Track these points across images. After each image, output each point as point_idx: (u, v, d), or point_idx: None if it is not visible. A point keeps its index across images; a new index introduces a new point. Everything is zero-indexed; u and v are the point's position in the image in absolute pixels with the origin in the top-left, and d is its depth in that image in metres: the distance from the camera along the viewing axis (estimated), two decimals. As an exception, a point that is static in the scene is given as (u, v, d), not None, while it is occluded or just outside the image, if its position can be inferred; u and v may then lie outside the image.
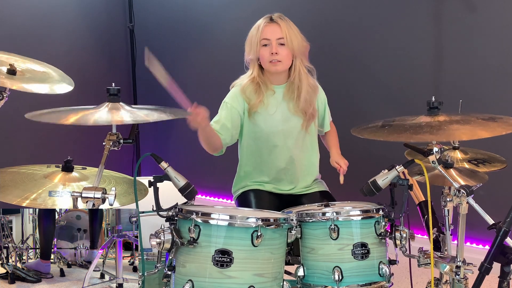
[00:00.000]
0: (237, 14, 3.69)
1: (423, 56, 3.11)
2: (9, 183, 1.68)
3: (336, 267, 1.59)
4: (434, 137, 1.59)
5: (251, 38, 2.21)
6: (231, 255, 1.47)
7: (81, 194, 1.51)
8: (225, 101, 2.24)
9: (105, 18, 4.10)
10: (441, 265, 1.68)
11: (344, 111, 2.96)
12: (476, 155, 2.16)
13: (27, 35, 3.47)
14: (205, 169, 3.79)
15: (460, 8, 2.95)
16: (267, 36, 2.16)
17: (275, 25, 2.17)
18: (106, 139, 1.61)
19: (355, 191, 1.76)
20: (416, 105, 1.91)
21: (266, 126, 2.24)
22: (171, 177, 1.63)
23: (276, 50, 2.15)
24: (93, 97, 1.98)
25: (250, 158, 2.30)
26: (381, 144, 1.93)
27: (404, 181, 1.65)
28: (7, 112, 1.85)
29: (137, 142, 4.20)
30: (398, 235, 1.65)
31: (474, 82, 2.96)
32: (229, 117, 2.20)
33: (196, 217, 1.50)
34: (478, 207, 1.58)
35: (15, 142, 3.48)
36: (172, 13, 4.06)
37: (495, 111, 1.87)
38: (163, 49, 4.11)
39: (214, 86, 2.20)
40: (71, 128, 3.77)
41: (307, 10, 3.41)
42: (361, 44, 3.29)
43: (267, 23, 2.18)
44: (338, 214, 1.62)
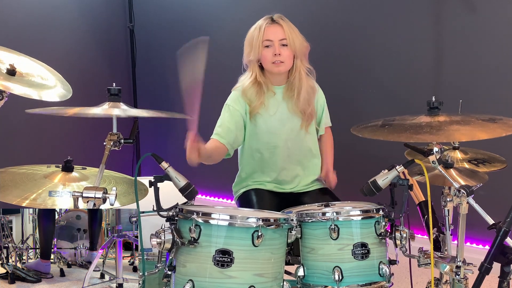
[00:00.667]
0: (237, 14, 3.69)
1: (423, 56, 3.11)
2: (9, 183, 1.68)
3: (336, 267, 1.59)
4: (434, 137, 1.59)
5: (251, 39, 2.19)
6: (232, 255, 1.47)
7: (82, 194, 1.51)
8: (227, 104, 2.23)
9: (105, 18, 4.10)
10: (441, 265, 1.68)
11: (344, 111, 2.96)
12: (476, 155, 2.16)
13: (27, 35, 3.46)
14: (205, 169, 3.78)
15: (460, 8, 2.95)
16: (269, 37, 2.16)
17: (277, 26, 2.17)
18: (106, 139, 1.62)
19: (355, 191, 1.76)
20: (416, 105, 1.91)
21: (267, 127, 2.24)
22: (171, 177, 1.63)
23: (279, 51, 2.15)
24: (93, 97, 1.98)
25: (251, 159, 2.30)
26: (381, 144, 1.93)
27: (404, 181, 1.65)
28: (7, 112, 1.85)
29: (137, 142, 4.21)
30: (398, 235, 1.65)
31: (474, 82, 2.96)
32: (233, 119, 2.19)
33: (196, 217, 1.50)
34: (478, 207, 1.58)
35: (15, 142, 3.48)
36: (172, 13, 4.06)
37: (495, 111, 1.87)
38: (163, 49, 4.11)
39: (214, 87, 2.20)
40: (71, 128, 3.78)
41: (307, 11, 3.41)
42: (361, 44, 3.29)
43: (269, 24, 2.17)
44: (338, 214, 1.62)
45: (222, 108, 2.24)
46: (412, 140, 1.62)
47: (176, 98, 1.76)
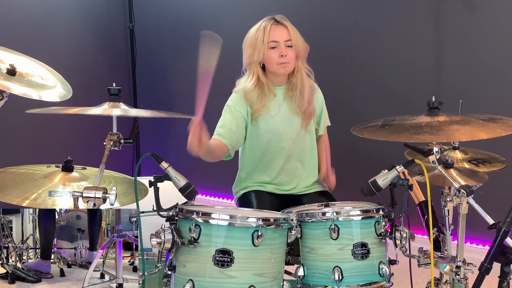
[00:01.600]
0: (237, 14, 3.68)
1: (423, 56, 3.11)
2: (9, 183, 1.68)
3: (336, 267, 1.59)
4: (434, 137, 1.59)
5: (254, 40, 2.17)
6: (232, 254, 1.47)
7: (82, 194, 1.51)
8: (228, 105, 2.22)
9: (105, 18, 4.10)
10: (441, 265, 1.68)
11: (344, 111, 2.96)
12: (476, 155, 2.16)
13: (27, 35, 3.46)
14: (205, 169, 3.79)
15: (460, 8, 2.95)
16: (275, 38, 2.14)
17: (282, 27, 2.16)
18: (106, 139, 1.62)
19: (355, 191, 1.76)
20: (416, 105, 1.91)
21: (268, 128, 2.24)
22: (171, 177, 1.63)
23: (286, 52, 2.14)
24: (93, 97, 1.98)
25: (251, 159, 2.30)
26: (381, 144, 1.93)
27: (404, 181, 1.65)
28: (7, 112, 1.85)
29: (137, 142, 4.21)
30: (398, 235, 1.65)
31: (474, 82, 2.96)
32: (234, 120, 2.18)
33: (196, 217, 1.50)
34: (478, 207, 1.58)
35: (15, 142, 3.48)
36: (172, 13, 4.06)
37: (495, 111, 1.87)
38: (163, 49, 4.11)
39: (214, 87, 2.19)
40: (71, 128, 3.78)
41: (307, 11, 3.41)
42: (361, 45, 3.29)
43: (273, 25, 2.16)
44: (338, 214, 1.62)
45: (223, 109, 2.23)
46: (412, 140, 1.62)
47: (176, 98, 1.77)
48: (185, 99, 1.89)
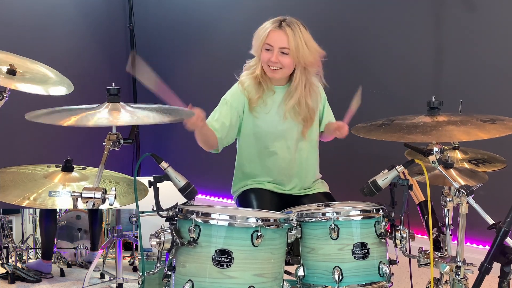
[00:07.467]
0: (238, 14, 3.68)
1: (423, 56, 3.11)
2: (9, 183, 1.68)
3: (336, 267, 1.59)
4: (434, 137, 1.59)
5: (257, 36, 2.17)
6: (231, 255, 1.47)
7: (81, 194, 1.51)
8: (225, 98, 2.22)
9: (105, 18, 4.09)
10: (441, 265, 1.68)
11: (344, 111, 2.95)
12: (476, 155, 2.16)
13: (27, 35, 3.46)
14: (205, 169, 3.79)
15: (460, 8, 2.95)
16: (270, 42, 2.12)
17: (281, 33, 2.11)
18: (106, 139, 1.61)
19: (355, 191, 1.76)
20: (416, 105, 1.91)
21: (265, 125, 2.23)
22: (171, 177, 1.63)
23: (277, 59, 2.11)
24: (93, 97, 1.98)
25: (249, 159, 2.30)
26: (381, 144, 1.93)
27: (404, 181, 1.65)
28: (7, 112, 1.85)
29: (137, 142, 4.20)
30: (398, 235, 1.65)
31: (474, 82, 2.96)
32: (228, 115, 2.18)
33: (196, 217, 1.50)
34: (478, 207, 1.58)
35: (15, 142, 3.48)
36: (172, 13, 4.06)
37: (495, 111, 1.87)
38: (163, 49, 4.11)
39: (214, 87, 2.19)
40: (71, 128, 3.77)
41: (308, 12, 3.41)
42: (362, 45, 3.29)
43: (274, 29, 2.12)
44: (338, 214, 1.62)
45: (220, 102, 2.22)
46: (411, 140, 1.62)
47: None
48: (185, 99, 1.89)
